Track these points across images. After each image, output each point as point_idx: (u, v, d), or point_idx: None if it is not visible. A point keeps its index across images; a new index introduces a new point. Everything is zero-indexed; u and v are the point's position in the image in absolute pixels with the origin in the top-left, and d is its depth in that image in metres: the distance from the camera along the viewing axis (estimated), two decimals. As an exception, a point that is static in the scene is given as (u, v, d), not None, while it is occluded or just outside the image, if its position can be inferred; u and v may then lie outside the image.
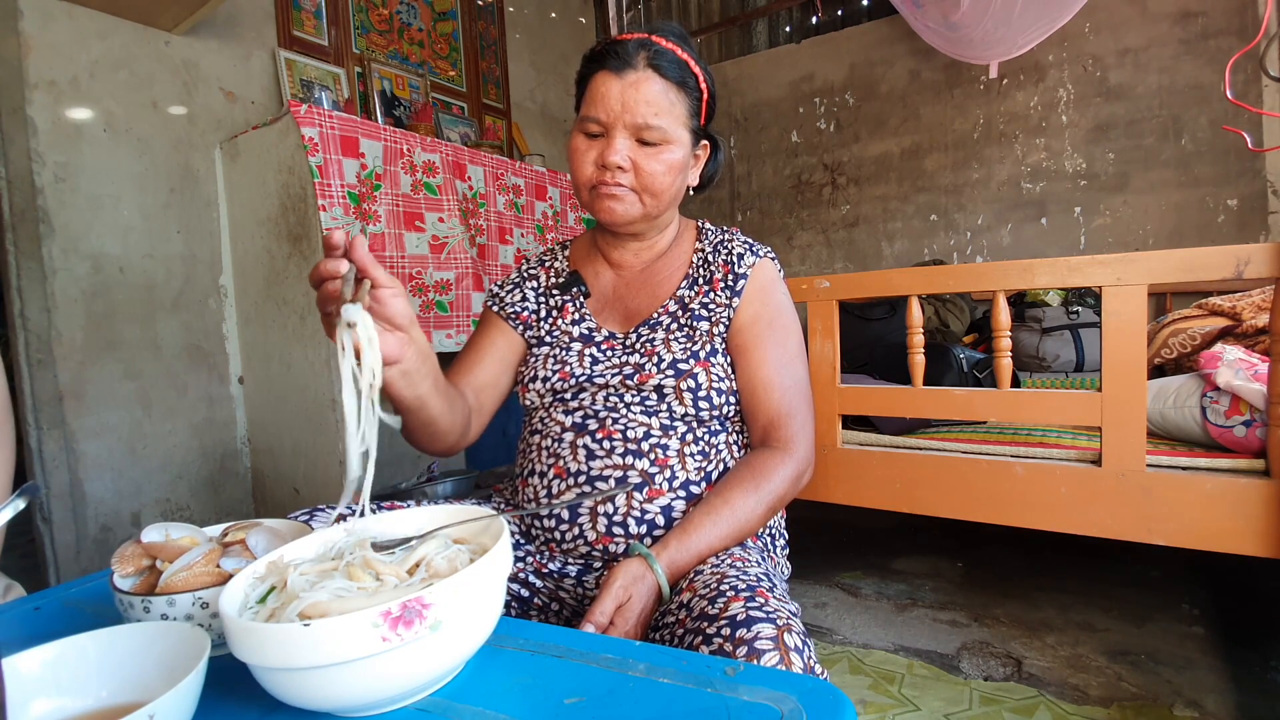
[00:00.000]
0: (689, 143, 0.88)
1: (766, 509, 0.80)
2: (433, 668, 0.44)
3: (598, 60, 0.86)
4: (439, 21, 2.90)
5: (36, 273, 1.74)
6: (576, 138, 0.88)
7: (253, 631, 0.41)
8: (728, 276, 0.91)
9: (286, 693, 0.42)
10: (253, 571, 0.50)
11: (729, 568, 0.70)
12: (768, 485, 0.80)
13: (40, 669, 0.45)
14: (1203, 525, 1.17)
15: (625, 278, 0.96)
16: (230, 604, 0.46)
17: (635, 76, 0.83)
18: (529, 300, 0.98)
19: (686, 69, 0.86)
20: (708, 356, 0.86)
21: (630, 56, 0.83)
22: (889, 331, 2.15)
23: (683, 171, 0.88)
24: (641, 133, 0.83)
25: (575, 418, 0.86)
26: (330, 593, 0.45)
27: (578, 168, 0.87)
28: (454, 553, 0.52)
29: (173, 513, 2.01)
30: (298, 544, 0.54)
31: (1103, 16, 2.62)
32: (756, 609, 0.60)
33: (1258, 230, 2.45)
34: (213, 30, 2.11)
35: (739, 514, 0.77)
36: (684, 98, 0.86)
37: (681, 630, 0.63)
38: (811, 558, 2.09)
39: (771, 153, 3.42)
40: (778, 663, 0.55)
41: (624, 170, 0.84)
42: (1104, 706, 1.30)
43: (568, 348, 0.91)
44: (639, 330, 0.91)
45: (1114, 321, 1.21)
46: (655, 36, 0.86)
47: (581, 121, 0.87)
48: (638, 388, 0.85)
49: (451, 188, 2.27)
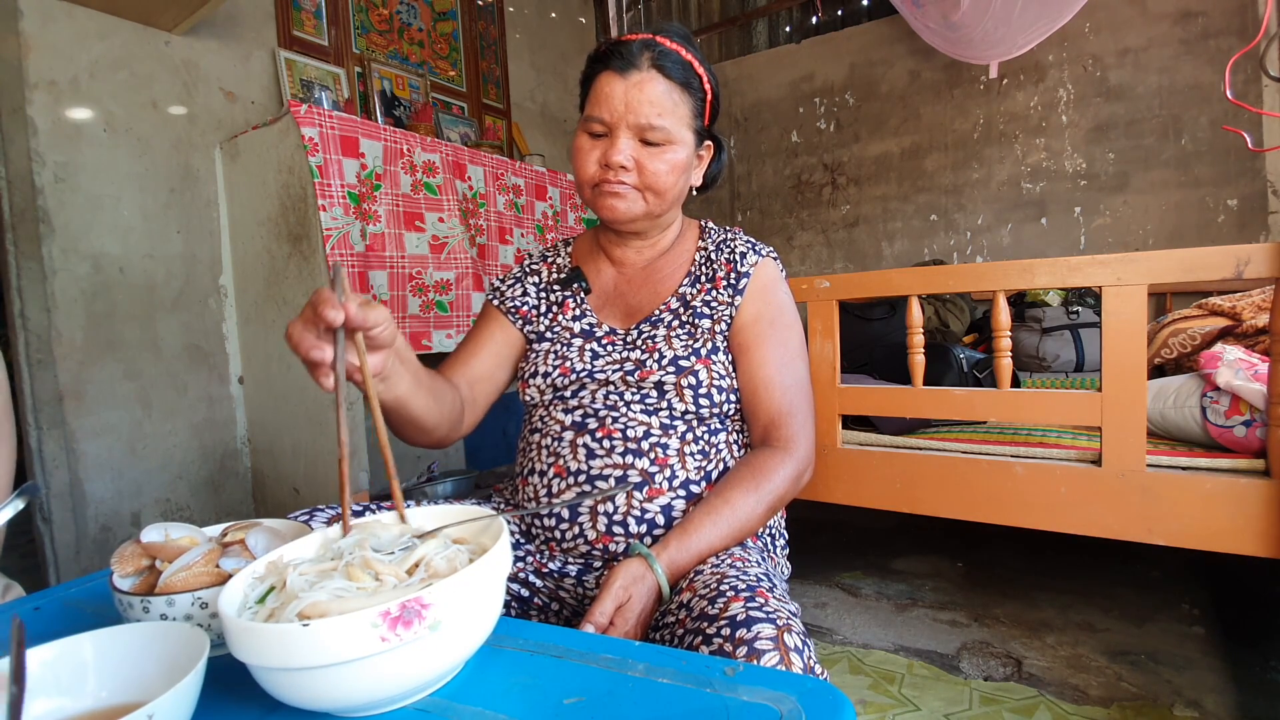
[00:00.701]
0: (692, 143, 0.89)
1: (767, 508, 0.80)
2: (432, 668, 0.44)
3: (602, 60, 0.86)
4: (439, 21, 2.90)
5: (36, 273, 1.74)
6: (580, 137, 0.88)
7: (251, 631, 0.41)
8: (730, 275, 0.91)
9: (285, 693, 0.42)
10: (252, 571, 0.50)
11: (729, 568, 0.70)
12: (768, 485, 0.80)
13: (40, 669, 0.45)
14: (1203, 525, 1.17)
15: (627, 275, 0.97)
16: (229, 604, 0.46)
17: (639, 77, 0.83)
18: (529, 295, 0.99)
19: (690, 70, 0.86)
20: (709, 354, 0.86)
21: (634, 57, 0.84)
22: (889, 331, 2.15)
23: (686, 171, 0.89)
24: (645, 133, 0.84)
25: (575, 416, 0.86)
26: (329, 593, 0.45)
27: (581, 166, 0.88)
28: (453, 553, 0.51)
29: (173, 513, 2.01)
30: (298, 544, 0.54)
31: (1103, 16, 2.62)
32: (756, 609, 0.60)
33: (1258, 230, 2.45)
34: (213, 30, 2.11)
35: (739, 514, 0.77)
36: (688, 98, 0.86)
37: (681, 630, 0.63)
38: (811, 558, 2.09)
39: (771, 153, 3.42)
40: (778, 663, 0.55)
41: (627, 170, 0.84)
42: (1104, 706, 1.30)
43: (568, 343, 0.91)
44: (640, 327, 0.91)
45: (1114, 321, 1.21)
46: (659, 37, 0.86)
47: (585, 121, 0.87)
48: (638, 384, 0.85)
49: (451, 188, 2.27)
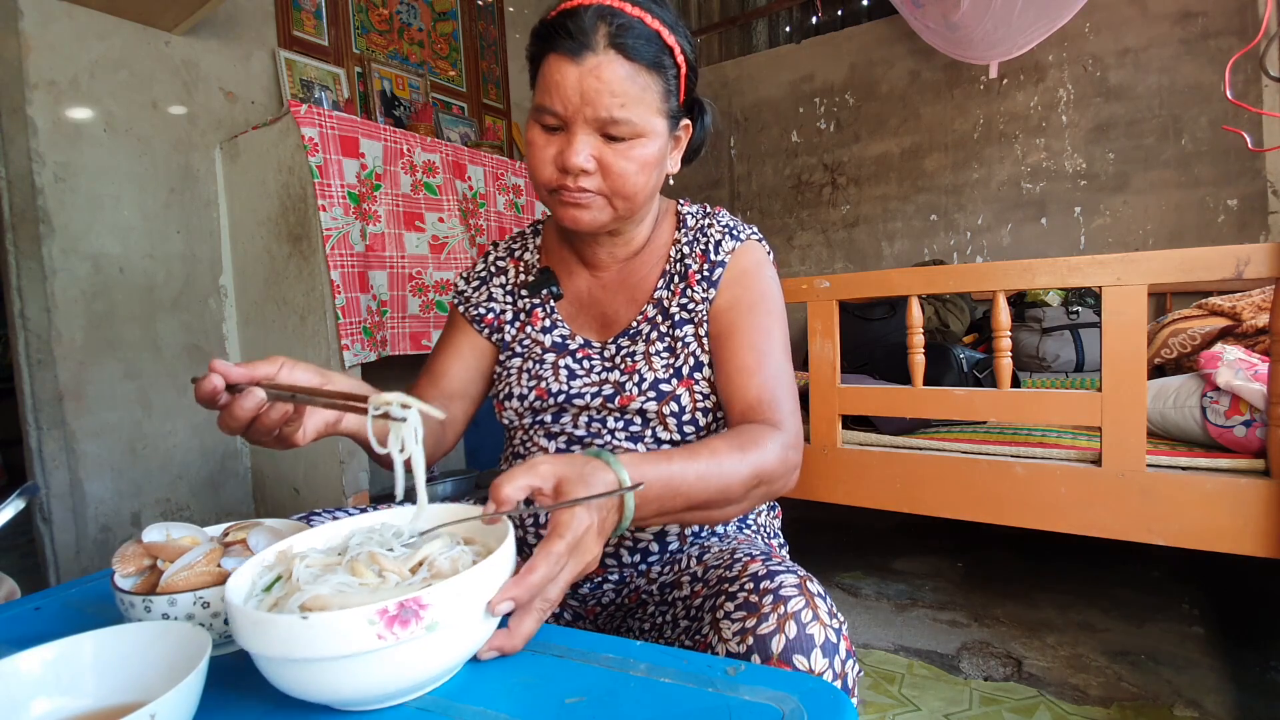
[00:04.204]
0: (665, 130, 0.75)
1: (751, 474, 0.67)
2: (429, 668, 0.44)
3: (548, 39, 0.71)
4: (439, 21, 2.90)
5: (36, 273, 1.74)
6: (533, 129, 0.74)
7: (252, 619, 0.41)
8: (704, 267, 0.82)
9: (283, 682, 0.43)
10: (262, 559, 0.51)
11: (736, 545, 0.71)
12: (755, 451, 0.68)
13: (40, 669, 0.45)
14: (1202, 525, 1.17)
15: (602, 280, 0.87)
16: (237, 589, 0.46)
17: (595, 61, 0.68)
18: (496, 301, 0.90)
19: (659, 43, 0.71)
20: (691, 373, 0.79)
21: (588, 35, 0.68)
22: (889, 331, 2.15)
23: (659, 164, 0.76)
24: (607, 127, 0.70)
25: (559, 443, 0.81)
26: (332, 587, 0.46)
27: (535, 167, 0.75)
28: (458, 553, 0.51)
29: (173, 513, 2.01)
30: (311, 533, 0.55)
31: (1103, 16, 2.62)
32: (776, 565, 0.61)
33: (1258, 230, 2.45)
34: (213, 30, 2.11)
35: (721, 465, 0.65)
36: (657, 80, 0.72)
37: (698, 600, 0.63)
38: (811, 558, 2.09)
39: (771, 153, 3.42)
40: (804, 607, 0.55)
41: (588, 173, 0.72)
42: (1104, 706, 1.30)
43: (540, 360, 0.84)
44: (618, 341, 0.84)
45: (1114, 321, 1.21)
46: (618, 1, 0.70)
47: (536, 111, 0.73)
48: (620, 409, 0.79)
49: (451, 188, 2.27)
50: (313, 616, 0.40)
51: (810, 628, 0.55)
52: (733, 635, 0.56)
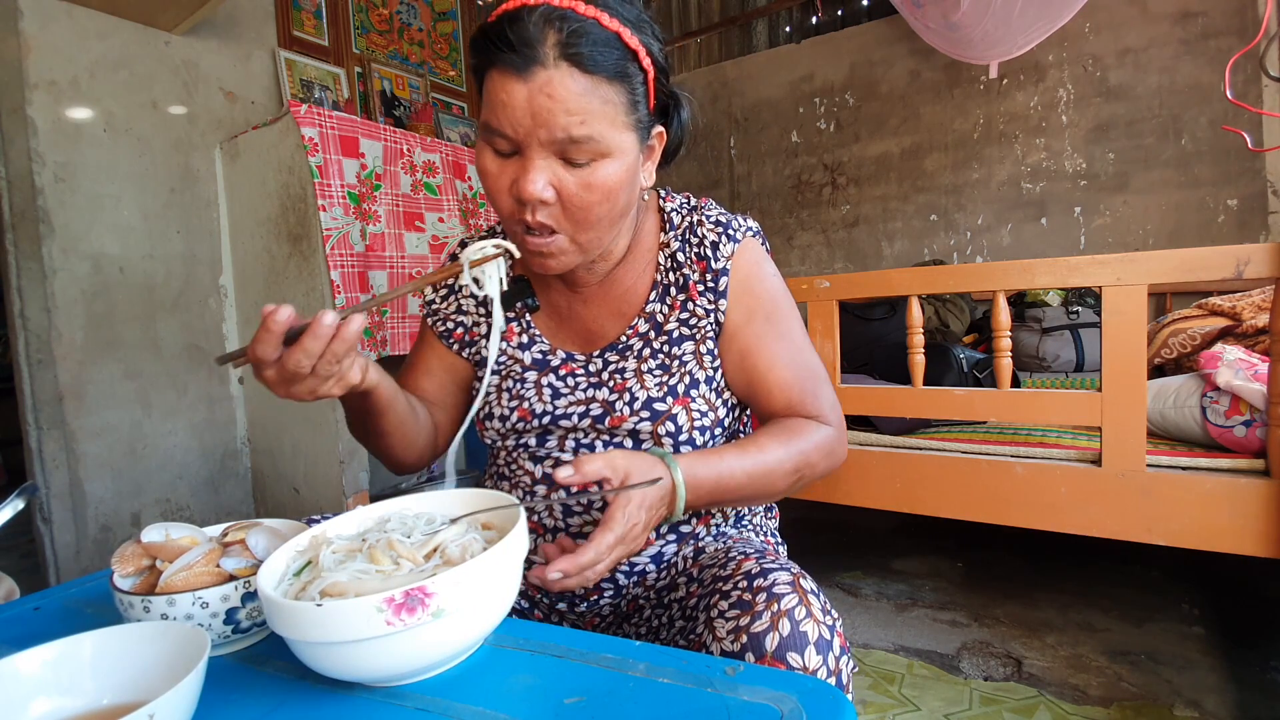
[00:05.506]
0: (634, 145, 0.66)
1: (794, 466, 0.70)
2: (440, 651, 0.47)
3: (487, 51, 0.62)
4: (439, 21, 2.90)
5: (36, 273, 1.74)
6: (484, 154, 0.66)
7: (276, 604, 0.45)
8: (705, 276, 0.76)
9: (307, 659, 0.46)
10: (296, 544, 0.54)
11: (732, 544, 0.71)
12: (798, 442, 0.71)
13: (40, 669, 0.45)
14: (1202, 525, 1.17)
15: (583, 295, 0.80)
16: (270, 573, 0.50)
17: (545, 76, 0.59)
18: (466, 312, 0.84)
19: (619, 48, 0.62)
20: (688, 390, 0.74)
21: (534, 45, 0.59)
22: (889, 331, 2.15)
23: (629, 184, 0.67)
24: (565, 149, 0.62)
25: (545, 467, 0.76)
26: (350, 574, 0.49)
27: (492, 196, 0.67)
28: (469, 540, 0.53)
29: (173, 513, 2.01)
30: (343, 519, 0.58)
31: (1103, 16, 2.61)
32: (770, 563, 0.61)
33: (1258, 230, 2.45)
34: (213, 30, 2.11)
35: (767, 457, 0.69)
36: (621, 90, 0.63)
37: (694, 600, 0.64)
38: (811, 558, 2.09)
39: (771, 153, 3.41)
40: (797, 604, 0.56)
41: (546, 204, 0.64)
42: (1104, 706, 1.30)
43: (521, 378, 0.78)
44: (605, 355, 0.78)
45: (1114, 321, 1.21)
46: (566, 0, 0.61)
47: (485, 131, 0.65)
48: (610, 431, 0.74)
49: (451, 188, 2.27)
50: (326, 604, 0.43)
51: (804, 625, 0.55)
52: (727, 634, 0.56)
